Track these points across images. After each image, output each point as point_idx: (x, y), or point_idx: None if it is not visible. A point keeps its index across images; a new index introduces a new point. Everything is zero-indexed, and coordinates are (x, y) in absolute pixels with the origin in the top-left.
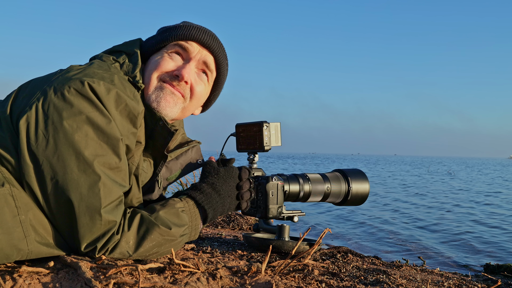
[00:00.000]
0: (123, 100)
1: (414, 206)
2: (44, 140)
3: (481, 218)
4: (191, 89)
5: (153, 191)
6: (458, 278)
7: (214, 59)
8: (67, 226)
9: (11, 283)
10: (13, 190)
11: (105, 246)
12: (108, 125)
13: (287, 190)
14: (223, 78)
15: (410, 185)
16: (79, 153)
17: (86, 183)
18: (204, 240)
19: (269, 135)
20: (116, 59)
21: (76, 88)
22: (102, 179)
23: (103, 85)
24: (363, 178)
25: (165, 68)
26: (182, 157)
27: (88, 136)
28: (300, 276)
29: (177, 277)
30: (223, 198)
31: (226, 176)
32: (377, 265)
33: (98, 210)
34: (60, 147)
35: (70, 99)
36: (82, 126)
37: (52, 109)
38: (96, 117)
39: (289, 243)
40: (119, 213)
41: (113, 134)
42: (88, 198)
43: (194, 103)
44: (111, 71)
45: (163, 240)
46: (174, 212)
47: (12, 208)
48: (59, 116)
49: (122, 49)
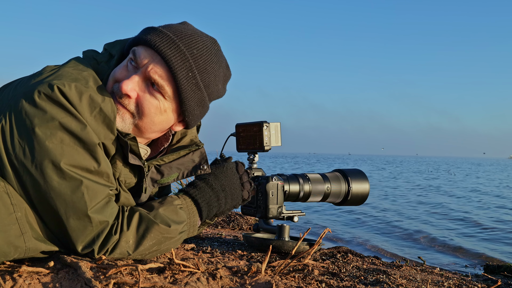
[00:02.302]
0: (97, 104)
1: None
2: (20, 149)
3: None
4: (138, 104)
5: (139, 196)
6: (458, 278)
7: (168, 68)
8: (59, 231)
9: (11, 283)
10: (7, 188)
11: (104, 247)
12: (83, 131)
13: (287, 190)
14: (185, 91)
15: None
16: (56, 161)
17: (68, 189)
18: (204, 240)
19: (269, 135)
20: (95, 57)
21: (45, 92)
22: (84, 183)
23: (74, 88)
24: (363, 178)
25: (117, 77)
26: (178, 161)
27: (64, 142)
28: (300, 276)
29: (177, 277)
30: (217, 193)
31: (218, 172)
32: (377, 265)
33: (85, 212)
34: (36, 156)
35: (41, 104)
36: (56, 133)
37: (24, 116)
38: (70, 122)
39: (289, 243)
40: (109, 211)
41: (89, 139)
42: (73, 204)
43: (146, 121)
44: (87, 71)
45: (162, 238)
46: (173, 209)
47: (8, 206)
48: (31, 123)
49: (108, 49)
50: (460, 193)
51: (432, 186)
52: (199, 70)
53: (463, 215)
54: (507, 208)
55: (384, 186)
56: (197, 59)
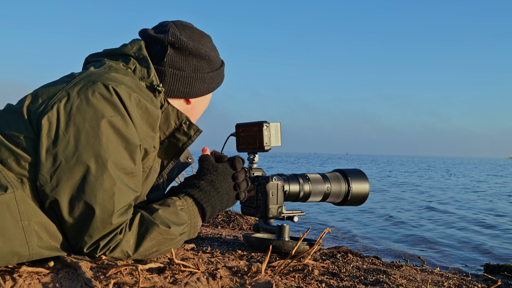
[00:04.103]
0: (143, 104)
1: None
2: (64, 140)
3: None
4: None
5: (158, 189)
6: (458, 278)
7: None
8: (77, 227)
9: (11, 283)
10: (17, 195)
11: (107, 245)
12: (128, 130)
13: (287, 190)
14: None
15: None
16: (98, 156)
17: (102, 186)
18: (204, 240)
19: (269, 135)
20: (126, 64)
21: (100, 92)
22: (117, 184)
23: (124, 89)
24: (363, 178)
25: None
26: (182, 155)
27: (109, 139)
28: (300, 276)
29: (177, 277)
30: (221, 195)
31: (224, 172)
32: (377, 265)
33: (111, 213)
34: (80, 149)
35: (93, 102)
36: (103, 129)
37: (75, 110)
38: (118, 121)
39: (289, 243)
40: (127, 216)
41: (132, 140)
42: (103, 201)
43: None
44: (128, 76)
45: (162, 239)
46: (173, 211)
47: (15, 215)
48: (82, 118)
49: (128, 53)
50: (462, 193)
51: (433, 186)
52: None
53: (463, 215)
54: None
55: (384, 186)
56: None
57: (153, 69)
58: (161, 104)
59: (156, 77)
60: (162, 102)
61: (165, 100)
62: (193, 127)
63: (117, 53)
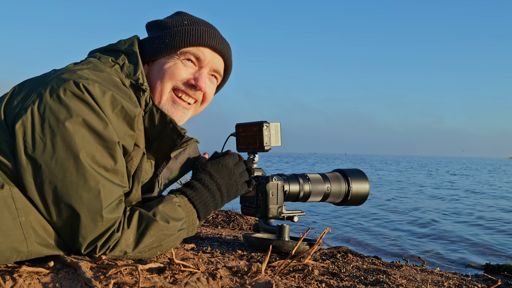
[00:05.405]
0: (119, 102)
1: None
2: (41, 144)
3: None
4: (203, 94)
5: (153, 190)
6: (458, 278)
7: (224, 63)
8: (68, 229)
9: (11, 283)
10: (13, 192)
11: (105, 245)
12: (104, 128)
13: (287, 190)
14: (228, 77)
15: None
16: (77, 156)
17: (85, 186)
18: (204, 240)
19: (269, 135)
20: (115, 60)
21: (71, 90)
22: (101, 182)
23: (98, 87)
24: (363, 178)
25: (180, 77)
26: (181, 156)
27: (85, 138)
28: (300, 276)
29: (177, 277)
30: (213, 192)
31: (213, 169)
32: (377, 265)
33: (99, 211)
34: (58, 151)
35: (66, 101)
36: (79, 129)
37: (48, 112)
38: (93, 120)
39: (289, 243)
40: (119, 211)
41: (109, 137)
42: (89, 201)
43: (204, 106)
44: (107, 72)
45: (162, 235)
46: (171, 207)
47: (12, 211)
48: (55, 119)
49: (120, 48)
50: (463, 193)
51: (432, 186)
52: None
53: (463, 215)
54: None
55: (384, 185)
56: (226, 42)
57: (141, 66)
58: (146, 103)
59: (143, 75)
60: (147, 101)
61: (150, 99)
62: (176, 131)
63: (111, 48)
